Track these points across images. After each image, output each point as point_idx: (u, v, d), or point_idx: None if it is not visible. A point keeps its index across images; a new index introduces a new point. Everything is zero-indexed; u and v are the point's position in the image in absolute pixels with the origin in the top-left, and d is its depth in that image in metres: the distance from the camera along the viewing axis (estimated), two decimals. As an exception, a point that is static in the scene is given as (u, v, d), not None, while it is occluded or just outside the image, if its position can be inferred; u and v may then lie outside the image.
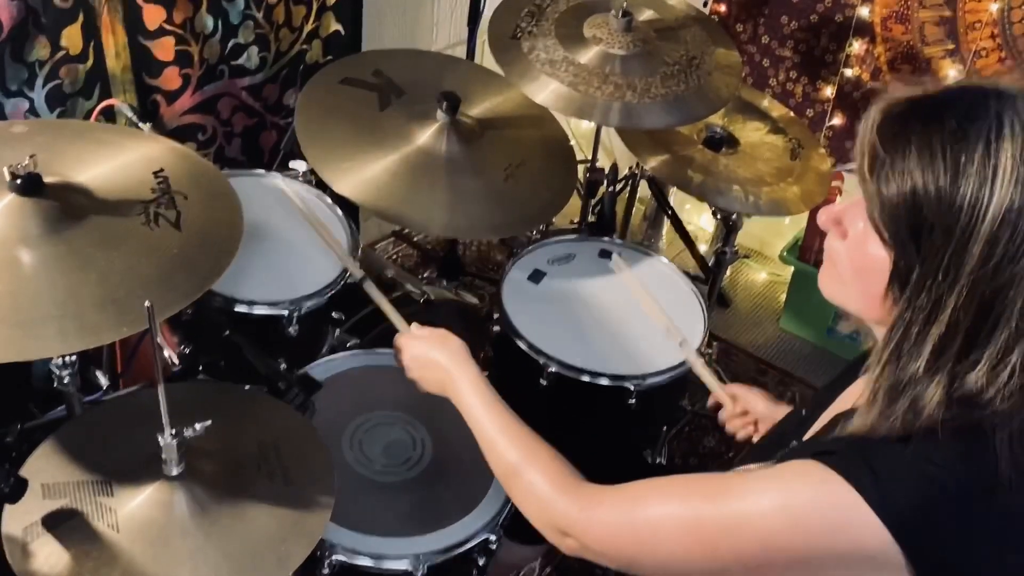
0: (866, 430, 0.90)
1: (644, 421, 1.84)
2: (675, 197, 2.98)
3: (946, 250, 0.82)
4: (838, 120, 2.74)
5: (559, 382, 1.65)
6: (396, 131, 1.79)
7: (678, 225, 2.78)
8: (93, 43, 1.84)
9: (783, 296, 2.98)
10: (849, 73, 2.67)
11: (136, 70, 1.95)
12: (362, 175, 1.71)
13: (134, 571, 1.09)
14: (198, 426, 1.14)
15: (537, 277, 1.85)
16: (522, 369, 1.67)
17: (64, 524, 1.13)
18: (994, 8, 2.37)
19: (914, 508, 0.86)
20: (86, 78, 1.86)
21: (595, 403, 1.71)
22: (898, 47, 2.56)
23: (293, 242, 1.74)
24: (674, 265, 1.94)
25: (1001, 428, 0.86)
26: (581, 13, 2.02)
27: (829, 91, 2.73)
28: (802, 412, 1.20)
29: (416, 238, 3.01)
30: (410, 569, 1.35)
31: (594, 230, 2.26)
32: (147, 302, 1.03)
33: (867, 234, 0.89)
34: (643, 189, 2.77)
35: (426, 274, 2.89)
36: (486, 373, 1.27)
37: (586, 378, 1.64)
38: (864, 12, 2.57)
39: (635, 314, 1.80)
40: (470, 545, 1.40)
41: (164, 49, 1.98)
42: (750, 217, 2.27)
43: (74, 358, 1.39)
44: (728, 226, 2.32)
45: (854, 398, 0.99)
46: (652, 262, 1.94)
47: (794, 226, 2.91)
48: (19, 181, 1.21)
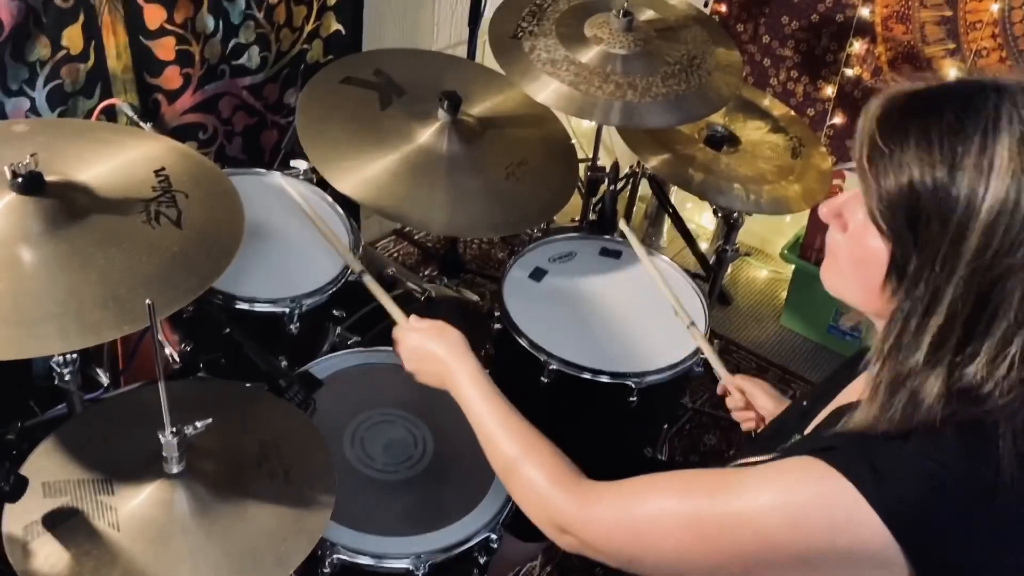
0: (867, 425, 0.90)
1: (645, 419, 1.84)
2: (676, 195, 2.98)
3: (943, 241, 0.82)
4: (839, 119, 2.74)
5: (560, 380, 1.65)
6: (397, 130, 1.79)
7: (679, 223, 2.78)
8: (94, 43, 1.84)
9: (784, 294, 2.97)
10: (850, 73, 2.67)
11: (137, 69, 1.95)
12: (363, 174, 1.71)
13: (135, 570, 1.09)
14: (199, 424, 1.14)
15: (538, 275, 1.85)
16: (523, 367, 1.67)
17: (64, 523, 1.13)
18: (995, 8, 2.37)
19: (914, 506, 0.85)
20: (87, 78, 1.86)
21: (596, 401, 1.71)
22: (899, 47, 2.56)
23: (294, 240, 1.74)
24: (675, 263, 1.94)
25: (1004, 425, 0.86)
26: (582, 13, 2.02)
27: (830, 90, 2.73)
28: (803, 404, 1.20)
29: (417, 236, 3.02)
30: (411, 568, 1.35)
31: (595, 228, 2.26)
32: (148, 300, 1.03)
33: (866, 226, 0.89)
34: (644, 187, 2.77)
35: (427, 272, 2.89)
36: (487, 370, 1.27)
37: (587, 376, 1.65)
38: (865, 12, 2.57)
39: (637, 312, 1.80)
40: (471, 544, 1.40)
41: (165, 49, 1.98)
42: (751, 215, 2.27)
43: (75, 356, 1.39)
44: (729, 224, 2.32)
45: (856, 392, 0.99)
46: (653, 260, 1.94)
47: (795, 224, 2.91)
48: (20, 180, 1.22)
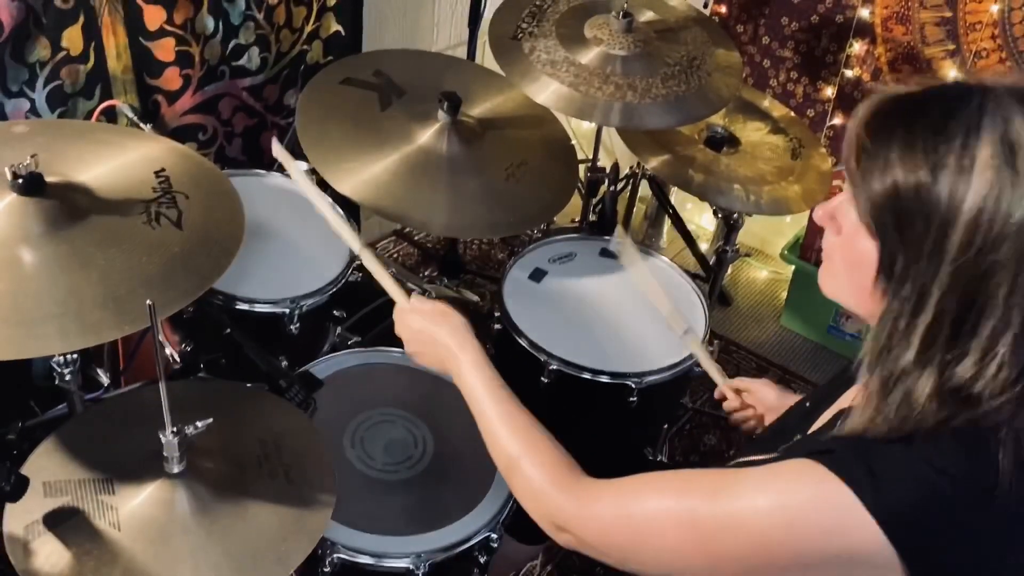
0: (863, 427, 0.90)
1: (645, 419, 1.84)
2: (676, 196, 2.98)
3: (927, 240, 0.83)
4: (839, 120, 2.74)
5: (560, 380, 1.65)
6: (397, 131, 1.79)
7: (679, 224, 2.78)
8: (94, 44, 1.84)
9: (784, 294, 2.97)
10: (850, 74, 2.67)
11: (137, 71, 1.95)
12: (363, 175, 1.71)
13: (135, 569, 1.09)
14: (199, 424, 1.14)
15: (538, 276, 1.86)
16: (523, 367, 1.67)
17: (65, 522, 1.13)
18: (994, 9, 2.37)
19: (910, 510, 0.85)
20: (87, 79, 1.86)
21: (596, 401, 1.71)
22: (899, 48, 2.56)
23: (294, 241, 1.75)
24: (675, 264, 1.94)
25: (1002, 430, 0.86)
26: (582, 14, 2.02)
27: (830, 91, 2.73)
28: (806, 404, 1.20)
29: (417, 237, 3.02)
30: (411, 567, 1.35)
31: (595, 229, 2.26)
32: (148, 300, 1.03)
33: (857, 228, 0.90)
34: (644, 188, 2.77)
35: (427, 273, 2.89)
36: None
37: (587, 376, 1.65)
38: (865, 13, 2.57)
39: (636, 312, 1.80)
40: (471, 543, 1.40)
41: (165, 50, 1.98)
42: (751, 216, 2.27)
43: (75, 356, 1.39)
44: (729, 225, 2.32)
45: (858, 395, 0.99)
46: (653, 261, 1.95)
47: (795, 225, 2.91)
48: (21, 181, 1.22)
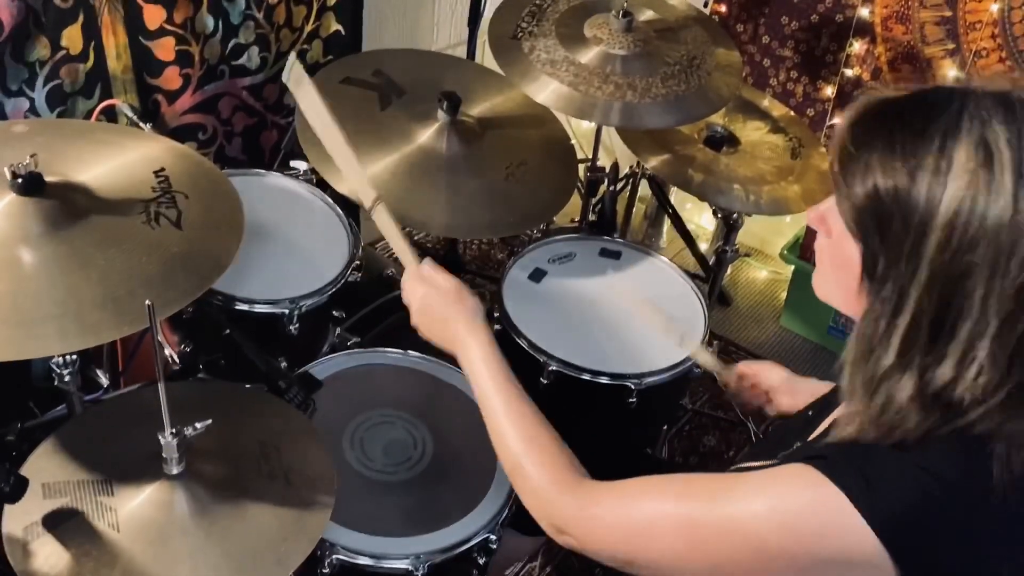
0: (855, 433, 0.91)
1: (644, 420, 1.84)
2: (676, 196, 2.98)
3: (906, 241, 0.84)
4: (839, 120, 2.74)
5: (560, 380, 1.65)
6: (397, 131, 1.79)
7: (679, 224, 2.78)
8: (94, 43, 1.84)
9: (784, 294, 2.97)
10: (850, 73, 2.67)
11: (137, 70, 1.95)
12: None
13: (134, 571, 1.09)
14: (198, 425, 1.14)
15: (538, 276, 1.85)
16: (523, 367, 1.64)
17: (64, 524, 1.13)
18: (994, 8, 2.37)
19: (904, 514, 0.86)
20: (87, 78, 1.86)
21: (595, 402, 1.71)
22: (898, 47, 2.56)
23: (293, 241, 1.74)
24: (675, 264, 1.94)
25: (996, 436, 0.86)
26: (581, 13, 2.02)
27: (830, 91, 2.73)
28: (808, 413, 1.20)
29: (417, 237, 3.01)
30: (410, 568, 1.35)
31: (595, 229, 2.26)
32: (148, 301, 1.03)
33: (844, 230, 0.91)
34: (644, 188, 2.77)
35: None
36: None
37: (586, 377, 1.65)
38: (864, 12, 2.57)
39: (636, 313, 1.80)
40: (470, 545, 1.40)
41: (165, 49, 1.98)
42: (751, 216, 2.27)
43: (75, 357, 1.39)
44: (729, 225, 2.32)
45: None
46: (652, 261, 1.95)
47: (795, 224, 2.91)
48: (20, 180, 1.22)
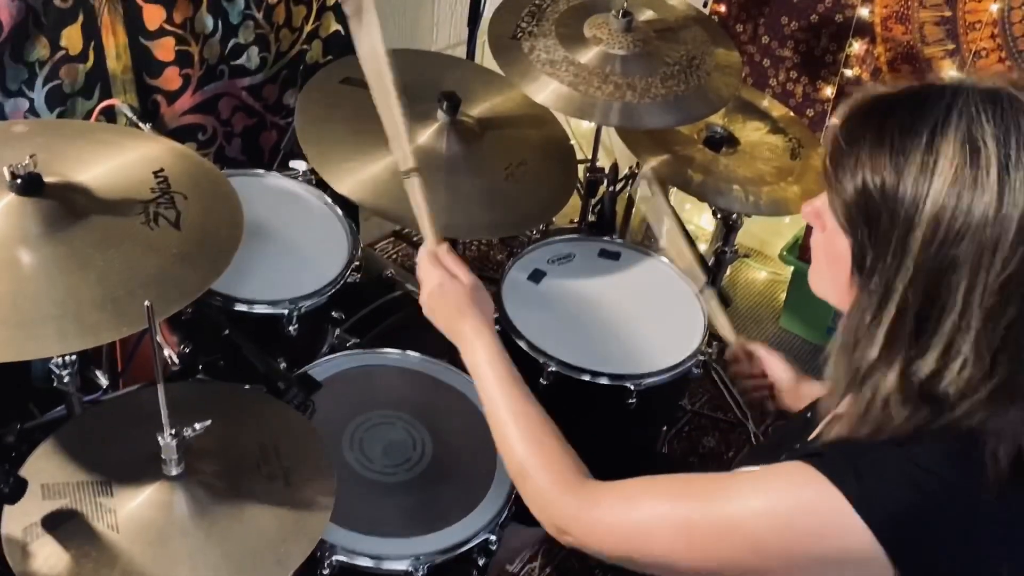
0: (847, 430, 0.92)
1: (644, 421, 1.84)
2: (675, 197, 2.97)
3: (893, 235, 0.85)
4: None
5: (559, 382, 1.65)
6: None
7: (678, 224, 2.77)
8: (93, 43, 1.84)
9: (783, 295, 2.97)
10: (849, 73, 2.67)
11: (136, 70, 1.95)
12: (362, 175, 1.71)
13: (134, 571, 1.09)
14: (198, 426, 1.14)
15: (537, 277, 1.85)
16: (522, 368, 1.62)
17: (64, 525, 1.13)
18: (994, 8, 2.37)
19: (900, 512, 0.86)
20: (86, 78, 1.86)
21: (595, 402, 1.71)
22: (898, 47, 2.56)
23: (293, 241, 1.74)
24: (674, 265, 1.94)
25: (985, 431, 0.87)
26: (581, 13, 2.02)
27: (829, 91, 2.73)
28: (807, 414, 1.20)
29: (416, 237, 3.01)
30: (410, 569, 1.35)
31: (594, 229, 2.26)
32: (147, 302, 1.03)
33: (836, 225, 0.92)
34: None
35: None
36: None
37: (586, 378, 1.65)
38: (864, 12, 2.57)
39: (635, 314, 1.80)
40: (470, 546, 1.40)
41: (164, 49, 1.98)
42: (750, 217, 2.27)
43: (74, 358, 1.39)
44: (728, 225, 2.32)
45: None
46: (652, 262, 1.94)
47: (794, 225, 2.91)
48: (19, 181, 1.22)
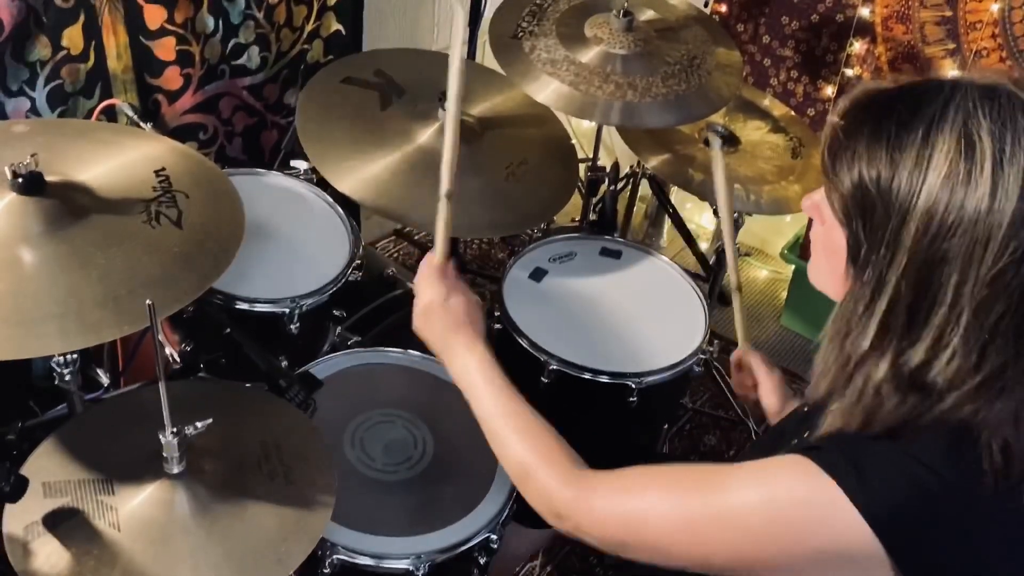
0: (841, 422, 0.92)
1: (645, 419, 1.84)
2: (676, 195, 2.98)
3: (887, 227, 0.86)
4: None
5: (560, 380, 1.65)
6: (397, 131, 1.79)
7: (679, 223, 2.77)
8: (94, 43, 1.84)
9: (784, 294, 2.97)
10: (850, 73, 2.67)
11: (137, 70, 1.95)
12: (363, 174, 1.71)
13: (135, 570, 1.09)
14: (199, 424, 1.14)
15: (538, 275, 1.85)
16: (523, 367, 1.67)
17: (65, 523, 1.13)
18: (995, 8, 2.37)
19: (896, 505, 0.86)
20: (87, 78, 1.86)
21: (596, 401, 1.71)
22: (899, 47, 2.56)
23: (294, 240, 1.74)
24: (675, 263, 1.94)
25: (976, 423, 0.87)
26: (582, 13, 2.02)
27: (830, 91, 2.73)
28: (804, 409, 1.20)
29: (417, 236, 3.01)
30: (411, 568, 1.35)
31: (595, 228, 2.26)
32: (148, 300, 1.03)
33: (834, 218, 0.93)
34: (644, 188, 2.77)
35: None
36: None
37: (587, 376, 1.65)
38: (865, 12, 2.57)
39: (636, 312, 1.81)
40: (471, 544, 1.40)
41: (165, 49, 1.98)
42: (751, 216, 2.27)
43: (75, 356, 1.39)
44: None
45: None
46: (653, 261, 1.94)
47: (795, 224, 2.91)
48: (21, 180, 1.22)
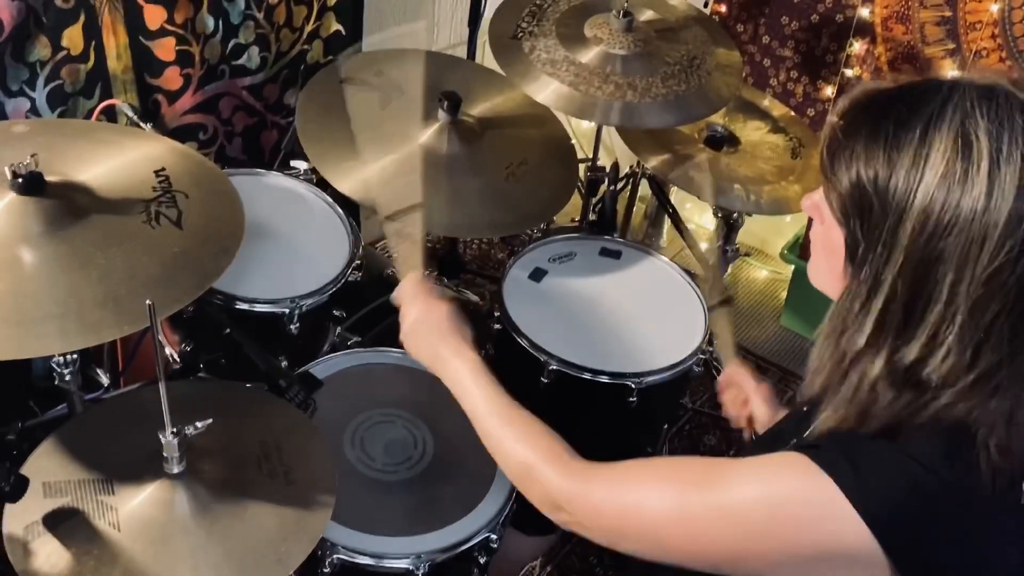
0: (837, 420, 0.92)
1: (645, 419, 1.84)
2: (676, 195, 2.98)
3: (884, 226, 0.87)
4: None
5: (560, 380, 1.65)
6: (397, 131, 1.79)
7: (679, 223, 2.77)
8: (94, 43, 1.84)
9: (784, 294, 2.97)
10: (850, 73, 2.67)
11: (137, 70, 1.95)
12: (363, 173, 1.71)
13: (135, 570, 1.09)
14: (199, 424, 1.14)
15: (538, 275, 1.85)
16: (523, 367, 1.67)
17: (65, 523, 1.13)
18: (994, 8, 2.37)
19: (895, 505, 0.86)
20: (87, 78, 1.86)
21: (596, 401, 1.71)
22: (899, 47, 2.56)
23: (294, 240, 1.74)
24: (675, 263, 1.94)
25: (983, 427, 0.87)
26: (582, 13, 2.02)
27: (830, 91, 2.73)
28: (803, 409, 1.20)
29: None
30: (411, 568, 1.35)
31: (595, 228, 2.26)
32: (148, 300, 1.03)
33: (832, 217, 0.93)
34: (644, 188, 2.76)
35: (427, 273, 2.87)
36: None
37: (587, 376, 1.65)
38: (865, 12, 2.57)
39: (636, 312, 1.80)
40: (471, 544, 1.40)
41: (165, 49, 1.98)
42: (751, 216, 2.27)
43: (75, 356, 1.39)
44: (729, 224, 2.32)
45: None
46: (653, 261, 1.94)
47: (795, 224, 2.91)
48: (21, 180, 1.22)
